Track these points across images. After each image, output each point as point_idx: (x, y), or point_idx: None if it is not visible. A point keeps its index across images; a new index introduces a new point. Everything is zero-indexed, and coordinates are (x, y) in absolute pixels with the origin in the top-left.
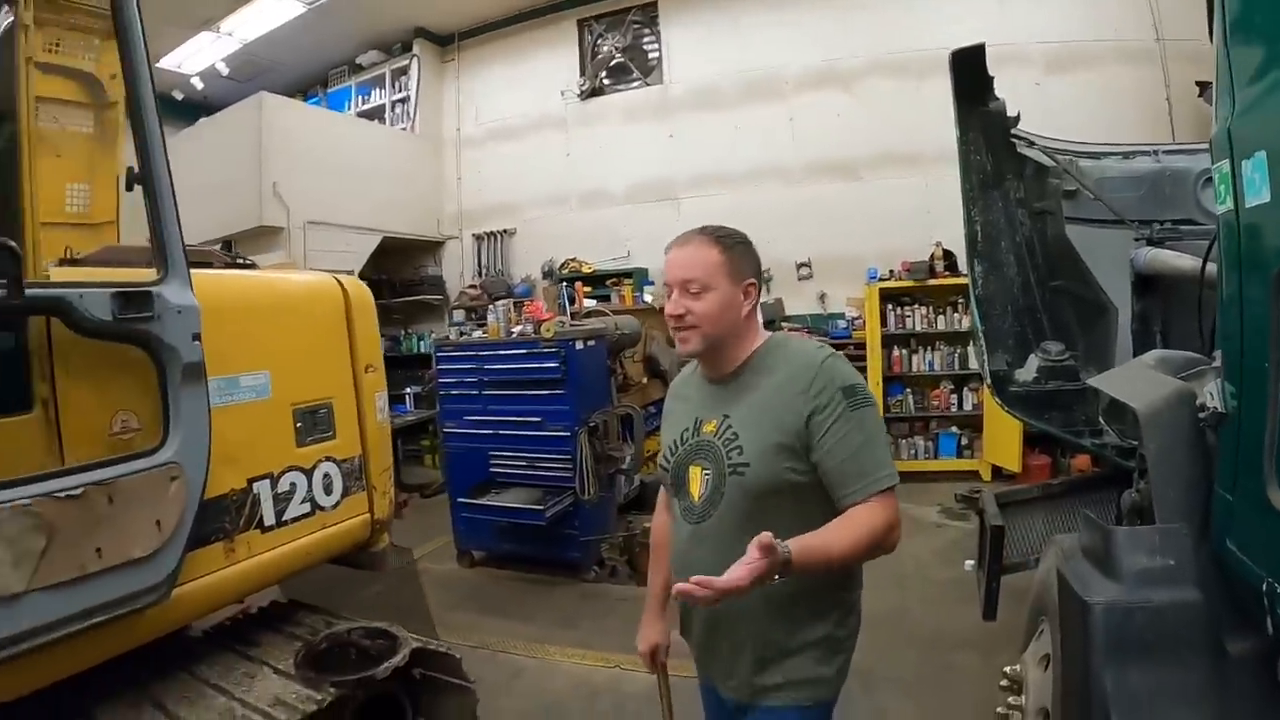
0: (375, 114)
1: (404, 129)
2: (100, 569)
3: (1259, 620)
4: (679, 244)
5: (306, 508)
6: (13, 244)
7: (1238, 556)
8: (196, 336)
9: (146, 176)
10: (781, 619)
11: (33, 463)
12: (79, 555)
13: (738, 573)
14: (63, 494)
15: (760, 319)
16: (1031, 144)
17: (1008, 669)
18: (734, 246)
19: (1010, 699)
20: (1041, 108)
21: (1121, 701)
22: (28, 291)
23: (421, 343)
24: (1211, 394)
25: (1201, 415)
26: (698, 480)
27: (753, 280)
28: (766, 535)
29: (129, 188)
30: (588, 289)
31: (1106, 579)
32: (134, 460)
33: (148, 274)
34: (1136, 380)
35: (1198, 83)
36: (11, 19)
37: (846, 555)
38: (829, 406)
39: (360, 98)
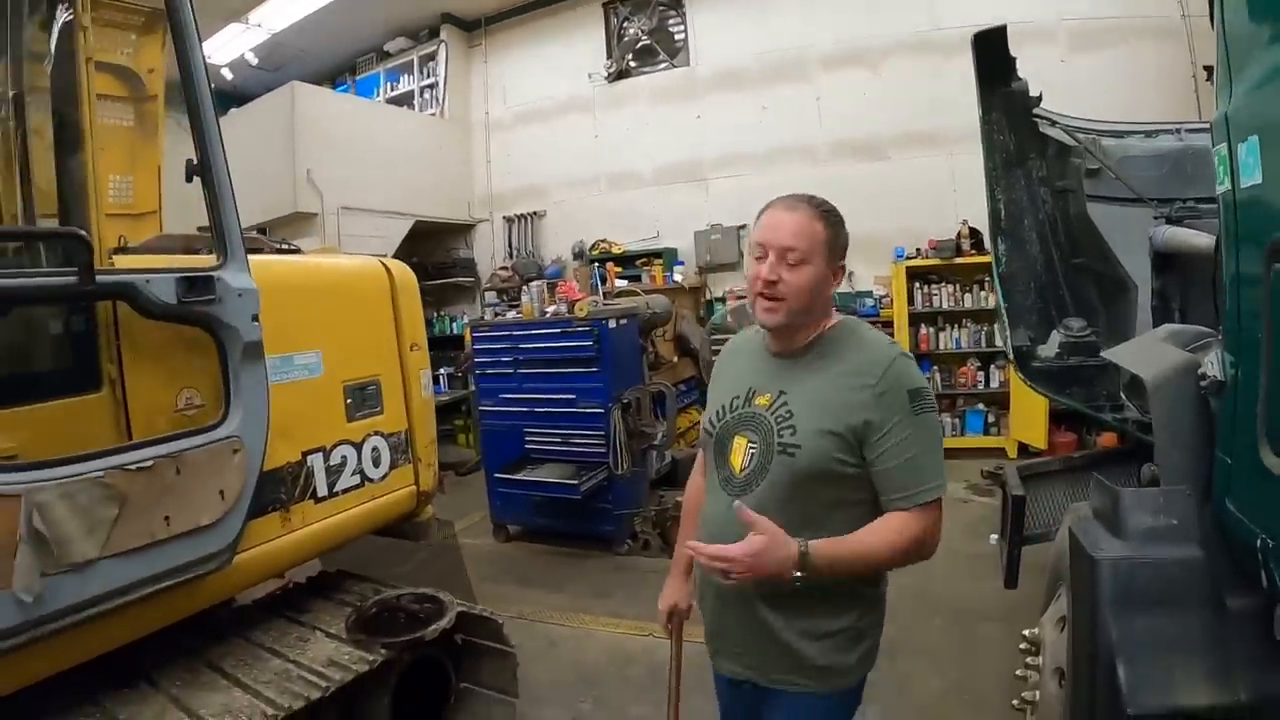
0: (404, 100)
1: (433, 114)
2: (168, 536)
3: (1255, 577)
4: (786, 207)
5: (356, 479)
6: (84, 233)
7: (1236, 516)
8: (255, 317)
9: (205, 168)
10: (793, 606)
11: (103, 440)
12: (149, 523)
13: (732, 550)
14: (133, 466)
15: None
16: (1054, 123)
17: (1026, 632)
18: (836, 223)
19: (1029, 660)
20: (1066, 86)
21: (1126, 649)
22: (98, 278)
23: (454, 324)
24: (1212, 364)
25: (1203, 384)
26: (741, 451)
27: (843, 263)
28: (767, 521)
29: (189, 179)
30: (618, 269)
31: (1114, 537)
32: (199, 434)
33: (208, 260)
34: (1147, 352)
35: (1205, 67)
36: (71, 17)
37: (878, 562)
38: (892, 408)
39: (389, 84)
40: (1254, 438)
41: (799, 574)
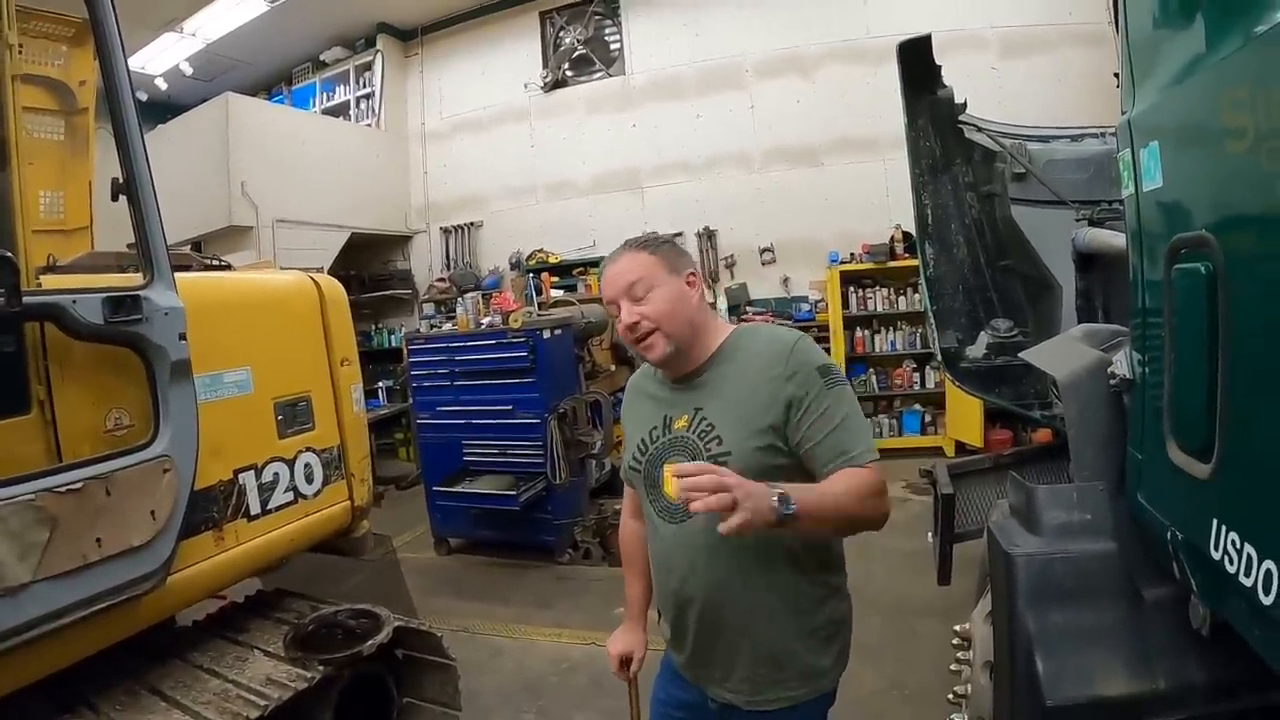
0: (340, 110)
1: (369, 125)
2: (100, 558)
3: (1169, 568)
4: (610, 262)
5: (290, 496)
6: (9, 255)
7: (1148, 510)
8: (183, 336)
9: (131, 185)
10: (772, 615)
11: (32, 461)
12: (81, 545)
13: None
14: (63, 488)
15: (717, 312)
16: (979, 129)
17: (958, 627)
18: (660, 246)
19: (960, 654)
20: (998, 91)
21: (1044, 642)
22: (25, 299)
23: (392, 337)
24: (1121, 362)
25: (1113, 382)
26: (673, 477)
27: (692, 270)
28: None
29: (114, 198)
30: (555, 279)
31: (1030, 534)
32: (129, 454)
33: (134, 279)
34: (1061, 352)
35: (1115, 74)
36: None
37: (848, 508)
38: (806, 387)
39: (325, 94)
40: (1162, 434)
41: (788, 511)
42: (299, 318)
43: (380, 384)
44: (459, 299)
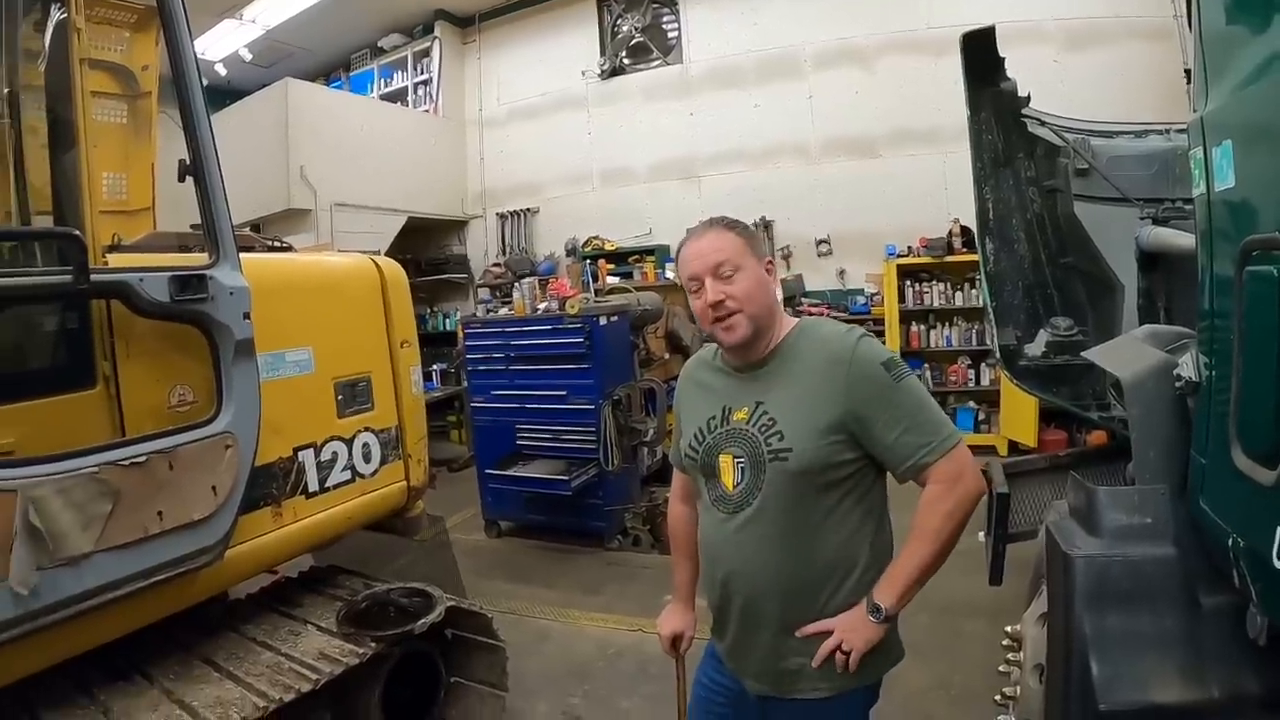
0: (398, 96)
1: (426, 111)
2: (161, 531)
3: (1229, 575)
4: (694, 238)
5: (347, 475)
6: (78, 233)
7: (1209, 516)
8: (247, 315)
9: (197, 167)
10: (816, 611)
11: (97, 436)
12: (142, 518)
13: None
14: (127, 462)
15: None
16: (1042, 123)
17: (1009, 628)
18: (745, 229)
19: (1010, 656)
20: (1059, 85)
21: (1099, 646)
22: (93, 277)
23: (447, 320)
24: (1187, 364)
25: (1178, 384)
26: (730, 469)
27: (770, 259)
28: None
29: (181, 179)
30: (610, 266)
31: (1089, 535)
32: (191, 430)
33: (201, 258)
34: (1125, 353)
35: (1186, 70)
36: (65, 18)
37: (939, 550)
38: (872, 386)
39: (383, 80)
40: (1227, 438)
41: (882, 618)
42: (360, 299)
43: (435, 367)
44: (515, 284)
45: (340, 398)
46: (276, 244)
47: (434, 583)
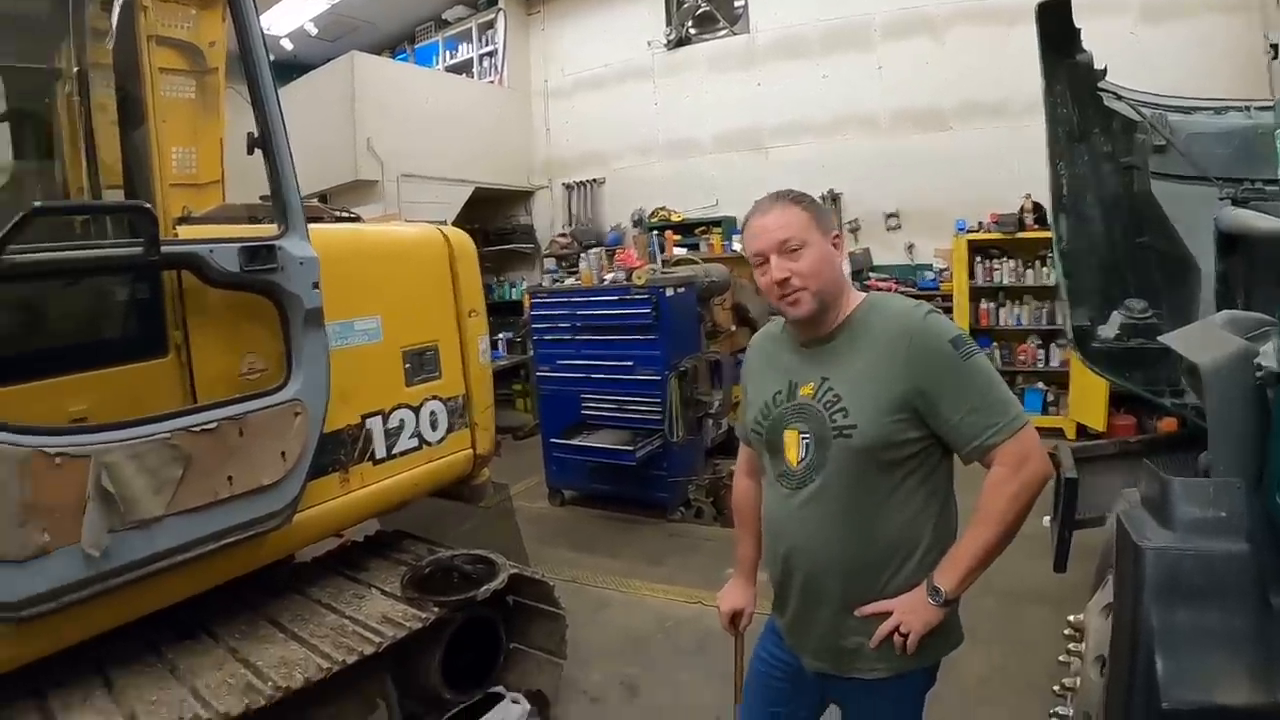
0: (463, 68)
1: (492, 82)
2: (231, 495)
3: None
4: (759, 213)
5: (414, 442)
6: (149, 206)
7: None
8: (316, 285)
9: (266, 140)
10: (880, 587)
11: (169, 403)
12: (213, 483)
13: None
14: (198, 428)
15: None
16: (1119, 97)
17: (1071, 618)
18: (812, 204)
19: (1071, 645)
20: (1136, 58)
21: (1165, 640)
22: (164, 248)
23: (513, 290)
24: (1269, 354)
25: (1258, 374)
26: (795, 444)
27: (837, 233)
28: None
29: (250, 151)
30: (677, 237)
31: (1161, 527)
32: (261, 398)
33: (270, 229)
34: (1203, 339)
35: (1272, 45)
36: None
37: (1002, 535)
38: (939, 364)
39: (448, 52)
40: None
41: (941, 600)
42: (428, 269)
43: (500, 336)
44: (582, 254)
45: (408, 366)
46: (344, 215)
47: (496, 549)
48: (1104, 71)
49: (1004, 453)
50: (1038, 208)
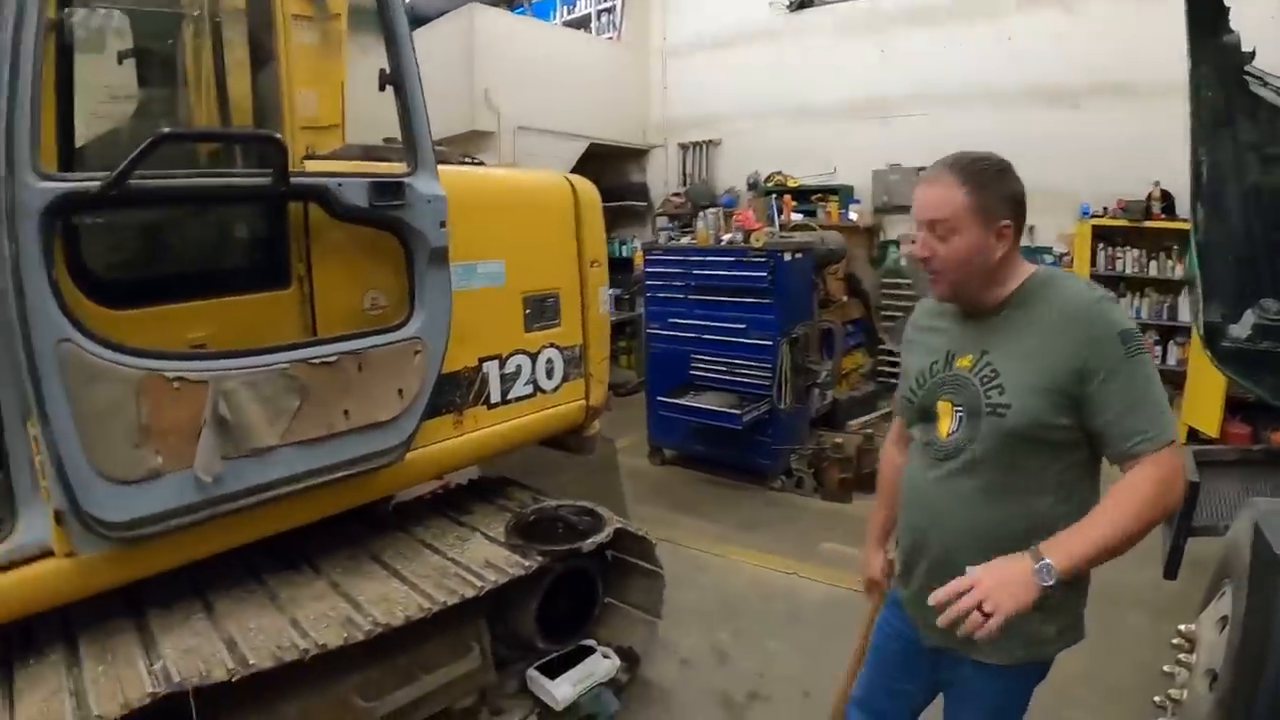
0: (581, 23)
1: (610, 38)
2: (346, 429)
3: None
4: (928, 180)
5: (529, 389)
6: (279, 136)
7: None
8: (443, 224)
9: (398, 77)
10: None
11: (288, 334)
12: (329, 416)
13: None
14: (317, 360)
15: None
16: (1265, 83)
17: (1182, 627)
18: (986, 185)
19: (1180, 656)
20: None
21: None
22: (293, 180)
23: (624, 248)
24: None
25: None
26: (948, 416)
27: (1008, 221)
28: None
29: (381, 88)
30: (793, 203)
31: None
32: (382, 334)
33: (398, 167)
34: None
35: None
36: None
37: (1128, 534)
38: (1104, 356)
39: (565, 8)
40: None
41: (1049, 583)
42: (553, 216)
43: (610, 292)
44: (699, 214)
45: (528, 312)
46: (469, 159)
47: (596, 502)
48: (1252, 54)
49: (1146, 465)
50: (1166, 196)
